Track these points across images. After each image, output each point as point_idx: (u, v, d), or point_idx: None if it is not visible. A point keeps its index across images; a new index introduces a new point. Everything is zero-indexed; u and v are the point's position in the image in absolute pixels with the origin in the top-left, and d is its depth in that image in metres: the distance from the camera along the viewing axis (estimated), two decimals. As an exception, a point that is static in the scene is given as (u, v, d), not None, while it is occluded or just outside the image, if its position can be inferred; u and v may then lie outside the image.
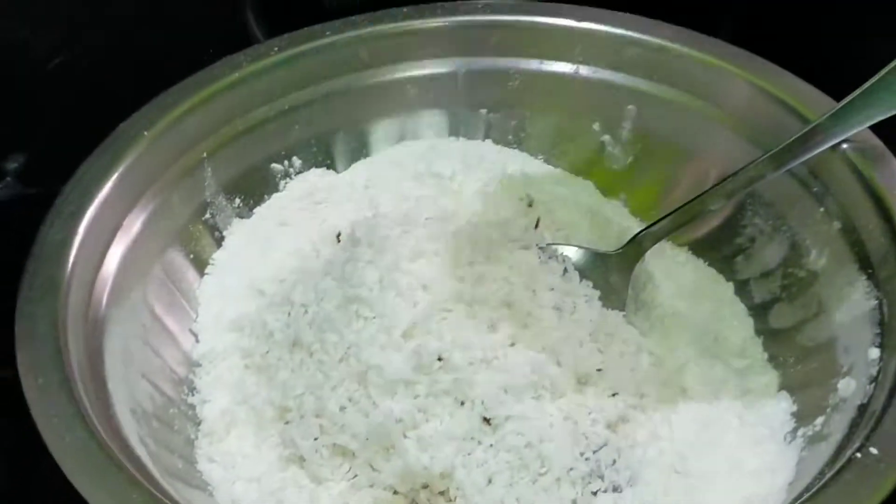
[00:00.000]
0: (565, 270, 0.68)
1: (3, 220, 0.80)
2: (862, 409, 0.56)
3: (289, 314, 0.67)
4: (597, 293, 0.68)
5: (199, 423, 0.65)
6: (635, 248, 0.71)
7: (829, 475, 0.52)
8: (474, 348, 0.61)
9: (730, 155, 0.74)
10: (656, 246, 0.72)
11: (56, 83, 0.91)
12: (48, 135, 0.86)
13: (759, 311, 0.71)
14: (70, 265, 0.61)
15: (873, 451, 0.51)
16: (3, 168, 0.83)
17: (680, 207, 0.70)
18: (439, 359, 0.60)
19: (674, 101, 0.77)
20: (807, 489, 0.53)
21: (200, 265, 0.73)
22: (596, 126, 0.81)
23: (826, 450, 0.57)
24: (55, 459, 0.51)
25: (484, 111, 0.82)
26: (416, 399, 0.60)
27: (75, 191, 0.65)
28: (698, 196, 0.70)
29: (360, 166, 0.81)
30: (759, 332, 0.70)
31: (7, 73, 0.88)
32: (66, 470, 0.50)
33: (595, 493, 0.59)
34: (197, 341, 0.69)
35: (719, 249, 0.75)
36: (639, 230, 0.72)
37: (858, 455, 0.51)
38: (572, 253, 0.71)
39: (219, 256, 0.74)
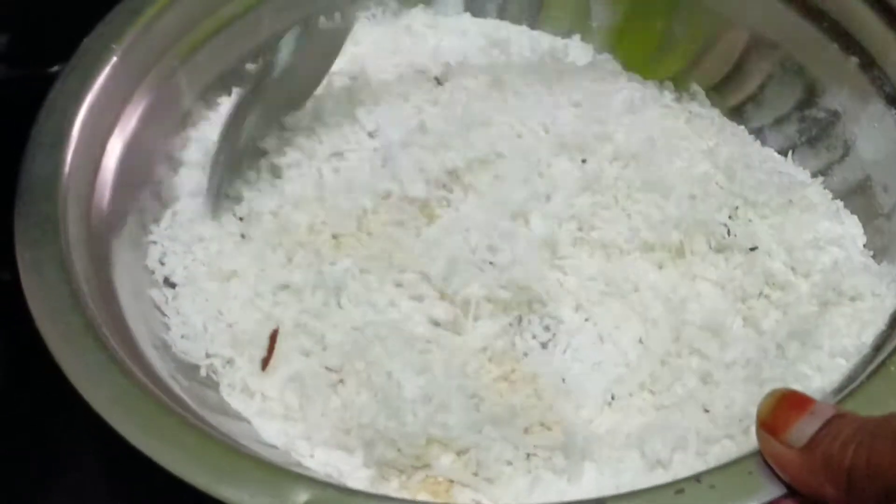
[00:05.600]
0: None
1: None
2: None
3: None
4: None
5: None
6: None
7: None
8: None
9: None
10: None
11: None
12: (32, 15, 0.78)
13: (780, 160, 0.68)
14: (61, 200, 0.56)
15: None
16: (-12, 50, 0.76)
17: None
18: None
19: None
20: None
21: (189, 181, 0.68)
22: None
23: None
24: (98, 412, 0.47)
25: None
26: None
27: (50, 119, 0.60)
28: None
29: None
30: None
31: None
32: (112, 421, 0.46)
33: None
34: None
35: (726, 100, 0.72)
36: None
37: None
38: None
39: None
